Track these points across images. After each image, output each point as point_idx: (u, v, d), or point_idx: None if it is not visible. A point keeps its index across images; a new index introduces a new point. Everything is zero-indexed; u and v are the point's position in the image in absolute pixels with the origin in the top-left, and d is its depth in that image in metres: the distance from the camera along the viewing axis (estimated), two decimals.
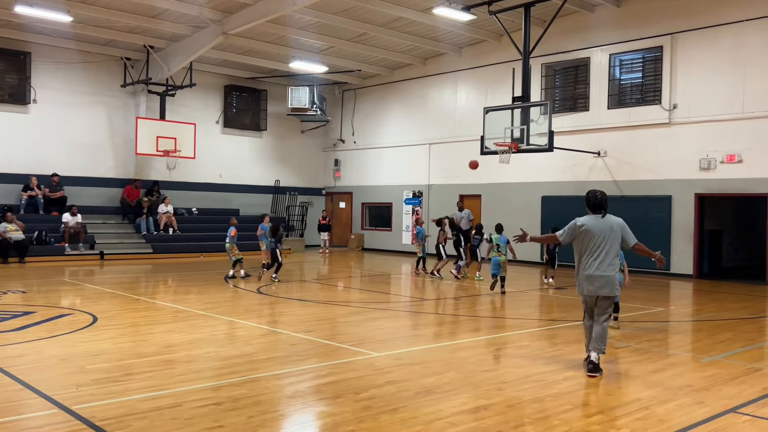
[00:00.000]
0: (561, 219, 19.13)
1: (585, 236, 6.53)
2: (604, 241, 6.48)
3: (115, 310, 10.01)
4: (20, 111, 19.87)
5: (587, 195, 6.73)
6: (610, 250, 6.48)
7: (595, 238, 6.49)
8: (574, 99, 19.38)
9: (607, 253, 6.46)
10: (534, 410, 5.27)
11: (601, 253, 6.46)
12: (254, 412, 5.04)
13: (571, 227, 6.66)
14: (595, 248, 6.48)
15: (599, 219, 6.57)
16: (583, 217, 6.68)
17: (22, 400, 5.28)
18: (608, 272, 6.44)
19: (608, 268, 6.45)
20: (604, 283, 6.44)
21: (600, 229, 6.50)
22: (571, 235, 6.66)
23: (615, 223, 6.58)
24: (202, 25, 18.83)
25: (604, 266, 6.44)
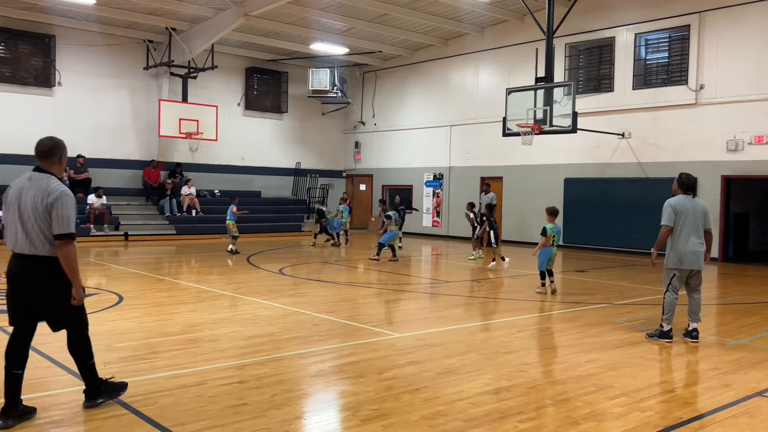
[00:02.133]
0: (584, 201, 19.07)
1: (680, 215, 7.07)
2: (696, 219, 7.08)
3: (139, 290, 10.15)
4: (45, 94, 20.09)
5: (681, 176, 7.27)
6: (700, 228, 7.12)
7: (689, 217, 7.06)
8: (598, 79, 19.10)
9: (698, 230, 7.09)
10: (556, 392, 5.26)
11: (695, 230, 7.06)
12: (278, 391, 5.09)
13: (669, 211, 7.12)
14: (690, 226, 7.05)
15: (690, 199, 7.15)
16: (673, 198, 7.19)
17: (51, 377, 5.39)
18: (701, 248, 7.10)
19: (700, 245, 7.10)
20: (699, 258, 7.08)
21: (693, 208, 7.10)
22: (673, 217, 7.10)
23: (701, 204, 7.23)
24: (223, 6, 18.83)
25: (699, 242, 7.08)
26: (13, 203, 4.36)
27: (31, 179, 4.38)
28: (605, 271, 14.20)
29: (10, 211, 4.35)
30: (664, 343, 7.07)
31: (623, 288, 11.46)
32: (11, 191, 4.41)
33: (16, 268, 4.38)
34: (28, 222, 4.29)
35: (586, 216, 18.79)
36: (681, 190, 7.21)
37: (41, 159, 4.46)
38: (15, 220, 4.33)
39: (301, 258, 15.75)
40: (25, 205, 4.30)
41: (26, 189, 4.35)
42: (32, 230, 4.29)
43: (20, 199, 4.33)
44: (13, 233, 4.35)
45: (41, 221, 4.28)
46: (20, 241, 4.32)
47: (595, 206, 18.61)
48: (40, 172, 4.41)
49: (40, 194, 4.29)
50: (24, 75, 19.80)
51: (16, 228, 4.33)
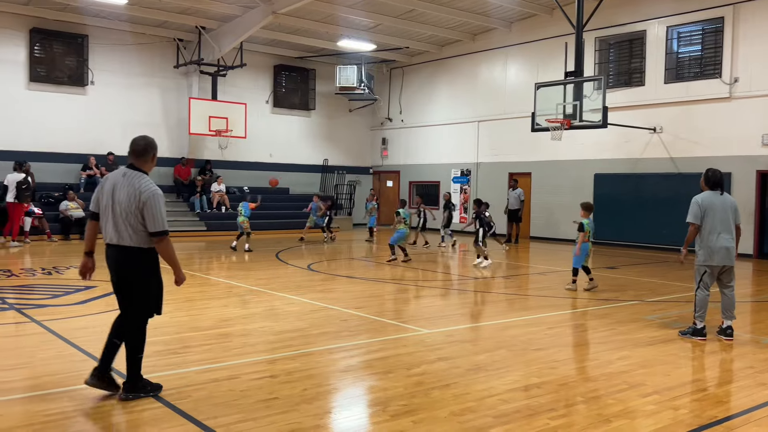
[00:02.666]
0: (614, 197, 18.81)
1: (709, 212, 6.99)
2: (726, 215, 7.03)
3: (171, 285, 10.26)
4: (78, 93, 20.47)
5: (707, 173, 7.21)
6: (731, 223, 7.06)
7: (719, 213, 7.00)
8: (629, 73, 18.83)
9: (729, 226, 7.03)
10: (587, 389, 5.21)
11: (725, 226, 6.99)
12: (308, 385, 5.14)
13: (696, 209, 7.06)
14: (721, 222, 6.98)
15: (718, 196, 7.09)
16: (701, 194, 7.13)
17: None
18: (732, 243, 7.04)
19: (731, 240, 7.04)
20: (731, 253, 7.02)
21: (722, 204, 7.05)
22: (699, 215, 7.04)
23: (731, 200, 7.18)
24: (252, 5, 18.97)
25: (731, 238, 7.03)
26: (107, 197, 4.72)
27: (125, 176, 4.73)
28: (636, 267, 14.02)
29: (104, 204, 4.73)
30: (698, 340, 6.97)
31: (655, 285, 11.30)
32: (106, 185, 4.77)
33: (108, 255, 4.82)
34: (120, 216, 4.65)
35: (617, 212, 18.56)
36: (708, 186, 7.17)
37: (135, 157, 4.81)
38: (108, 212, 4.71)
39: (329, 254, 15.82)
40: (119, 201, 4.66)
41: (120, 185, 4.70)
42: (122, 224, 4.66)
43: (114, 194, 4.69)
44: (104, 224, 4.76)
45: (132, 217, 4.64)
46: (110, 232, 4.72)
47: (625, 202, 18.37)
48: (134, 170, 4.76)
49: (133, 193, 4.64)
50: (58, 74, 20.19)
51: (107, 220, 4.72)
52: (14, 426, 4.23)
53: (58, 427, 4.21)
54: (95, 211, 4.84)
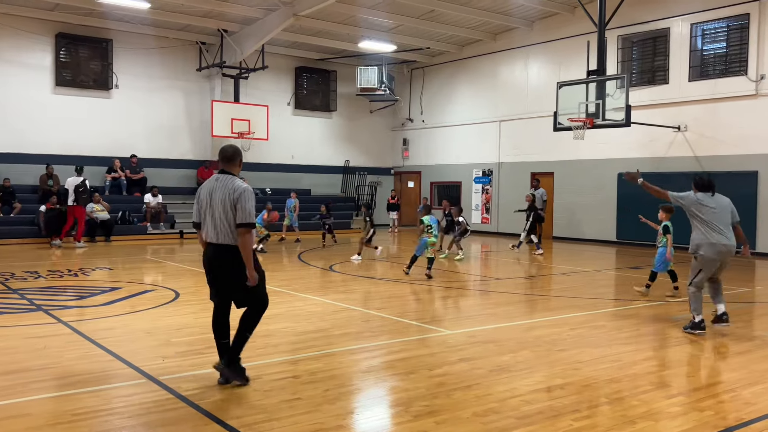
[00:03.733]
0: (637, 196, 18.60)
1: (706, 210, 7.19)
2: (724, 213, 7.21)
3: (195, 287, 10.40)
4: (103, 96, 20.77)
5: (695, 179, 7.44)
6: (729, 222, 7.24)
7: (717, 212, 7.19)
8: (652, 71, 18.61)
9: (727, 225, 7.21)
10: (611, 390, 5.17)
11: (725, 225, 7.18)
12: (330, 386, 5.16)
13: (688, 195, 7.34)
14: (719, 220, 7.16)
15: (710, 197, 7.27)
16: (698, 193, 7.32)
17: (113, 370, 5.58)
18: (734, 241, 7.24)
19: (732, 239, 7.23)
20: (731, 251, 7.19)
21: (719, 204, 7.25)
22: (685, 201, 7.29)
23: (726, 200, 7.36)
24: (273, 7, 19.10)
25: (730, 236, 7.20)
26: (205, 202, 5.15)
27: (218, 180, 5.16)
28: None
29: (203, 209, 5.16)
30: (697, 334, 7.12)
31: (680, 285, 11.15)
32: (202, 192, 5.20)
33: (209, 254, 5.14)
34: (218, 217, 5.04)
35: (641, 212, 18.19)
36: (698, 190, 7.33)
37: (225, 162, 5.26)
38: (208, 214, 5.11)
39: (350, 255, 15.86)
40: (215, 202, 5.07)
41: (215, 189, 5.11)
42: (220, 224, 5.05)
43: (211, 197, 5.11)
44: (205, 226, 5.15)
45: (229, 215, 5.02)
46: (210, 232, 5.10)
47: (649, 202, 17.99)
48: (224, 174, 5.19)
49: (227, 193, 5.04)
50: (83, 78, 20.51)
51: (208, 222, 5.11)
52: (43, 425, 4.31)
53: (85, 426, 4.28)
54: (198, 221, 5.25)
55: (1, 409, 4.54)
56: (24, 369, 5.55)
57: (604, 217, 19.34)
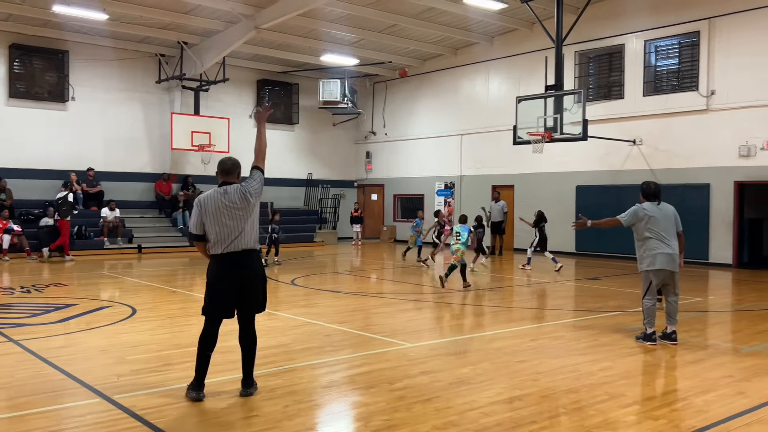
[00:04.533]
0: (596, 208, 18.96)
1: (650, 220, 7.25)
2: (667, 223, 7.29)
3: (153, 303, 10.21)
4: (59, 108, 20.33)
5: (643, 186, 7.52)
6: (673, 231, 7.33)
7: (661, 222, 7.26)
8: (608, 87, 19.07)
9: (671, 234, 7.29)
10: (569, 401, 5.24)
11: (670, 234, 7.27)
12: (290, 402, 5.11)
13: (635, 212, 7.36)
14: (663, 230, 7.24)
15: (656, 206, 7.35)
16: (643, 204, 7.41)
17: (65, 390, 5.43)
18: (674, 251, 7.28)
19: (673, 248, 7.28)
20: (674, 260, 7.27)
21: (662, 214, 7.32)
22: (634, 219, 7.35)
23: (671, 209, 7.43)
24: (234, 20, 19.00)
25: (674, 245, 7.27)
26: (216, 213, 5.16)
27: (227, 192, 5.22)
28: (618, 278, 14.12)
29: (212, 220, 5.17)
30: (649, 345, 7.25)
31: (636, 296, 11.36)
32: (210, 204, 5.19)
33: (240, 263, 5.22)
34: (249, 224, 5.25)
35: None
36: (646, 198, 7.44)
37: (226, 175, 5.34)
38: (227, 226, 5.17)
39: (312, 269, 15.79)
40: (241, 211, 5.20)
41: (232, 200, 5.19)
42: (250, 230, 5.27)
43: (228, 208, 5.18)
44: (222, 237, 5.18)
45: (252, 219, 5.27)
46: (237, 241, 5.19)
47: (607, 214, 18.30)
48: (230, 184, 5.28)
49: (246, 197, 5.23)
50: (38, 90, 20.06)
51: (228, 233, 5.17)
52: None
53: None
54: (201, 234, 5.24)
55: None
56: None
57: (563, 229, 19.63)
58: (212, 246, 5.21)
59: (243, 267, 5.21)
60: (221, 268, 5.21)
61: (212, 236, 5.18)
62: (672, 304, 7.41)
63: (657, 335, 7.38)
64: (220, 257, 5.19)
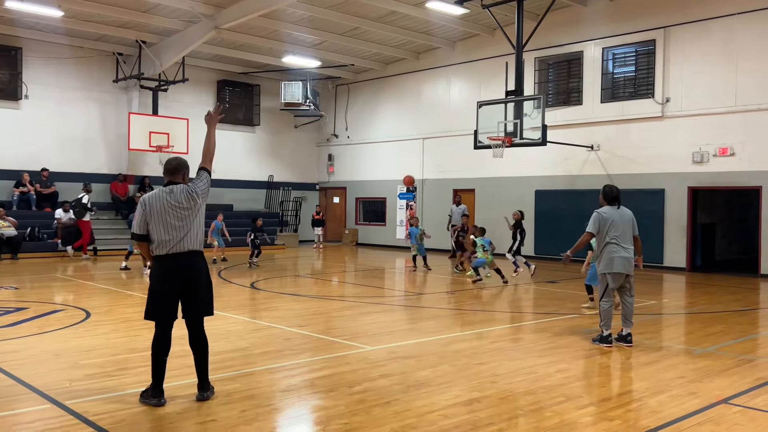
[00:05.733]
0: (554, 212, 19.28)
1: (610, 224, 7.39)
2: (625, 227, 7.43)
3: (108, 306, 9.98)
4: (12, 107, 19.76)
5: (605, 189, 7.62)
6: (629, 235, 7.48)
7: (619, 226, 7.39)
8: (567, 93, 19.40)
9: (628, 238, 7.44)
10: (527, 402, 5.29)
11: (626, 238, 7.41)
12: (247, 406, 5.05)
13: (597, 219, 7.47)
14: (621, 234, 7.37)
15: (615, 209, 7.50)
16: (602, 208, 7.55)
17: (14, 396, 5.27)
18: (631, 254, 7.45)
19: (630, 251, 7.44)
20: (630, 263, 7.43)
21: (621, 217, 7.45)
22: (598, 225, 7.45)
23: (628, 213, 7.58)
24: (194, 19, 18.75)
25: (630, 249, 7.42)
26: (160, 212, 5.08)
27: (173, 191, 5.16)
28: (576, 281, 14.33)
29: (156, 218, 5.08)
30: (605, 347, 7.37)
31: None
32: (155, 203, 5.10)
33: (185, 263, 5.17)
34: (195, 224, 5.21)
35: (557, 227, 18.99)
36: (606, 201, 7.58)
37: (170, 175, 5.29)
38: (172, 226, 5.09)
39: (273, 272, 15.65)
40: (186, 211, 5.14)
41: (178, 199, 5.13)
42: (195, 231, 5.21)
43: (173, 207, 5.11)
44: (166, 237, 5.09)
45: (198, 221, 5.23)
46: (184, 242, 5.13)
47: (565, 218, 18.81)
48: (175, 184, 5.24)
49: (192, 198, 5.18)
50: None
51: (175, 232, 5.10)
52: None
53: None
54: (143, 233, 5.13)
55: None
56: None
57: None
58: (156, 247, 5.11)
59: (187, 268, 5.14)
60: (165, 269, 5.12)
61: (156, 236, 5.09)
62: (628, 306, 7.56)
63: (613, 337, 7.52)
64: (164, 258, 5.11)
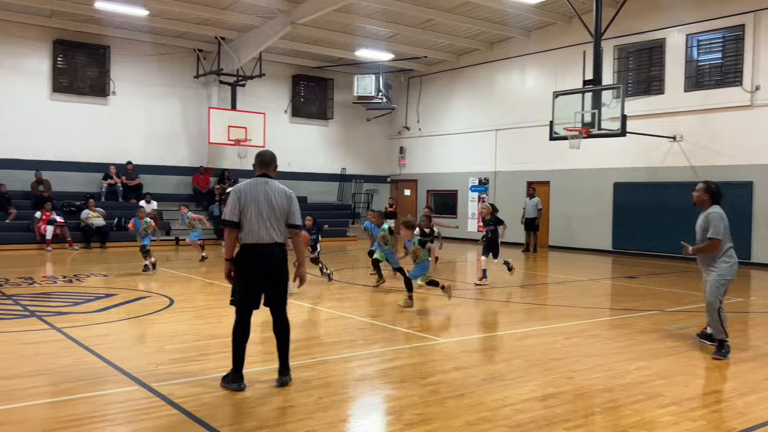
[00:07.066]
0: (634, 206, 18.64)
1: (727, 227, 6.75)
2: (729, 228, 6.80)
3: (190, 293, 10.39)
4: (101, 103, 20.77)
5: (713, 187, 6.84)
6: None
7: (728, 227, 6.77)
8: (648, 82, 18.71)
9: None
10: (604, 399, 5.17)
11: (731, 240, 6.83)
12: (323, 393, 5.15)
13: (724, 222, 6.71)
14: (731, 236, 6.82)
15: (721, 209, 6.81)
16: (720, 210, 6.78)
17: (106, 377, 5.57)
18: None
19: None
20: None
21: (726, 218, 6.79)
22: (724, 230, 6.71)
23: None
24: (271, 15, 19.15)
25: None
26: (253, 202, 5.20)
27: (267, 183, 5.30)
28: (656, 277, 13.87)
29: (250, 208, 5.20)
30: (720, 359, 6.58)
31: (674, 295, 11.18)
32: (248, 193, 5.22)
33: (263, 253, 5.25)
34: (275, 217, 5.25)
35: (636, 221, 18.41)
36: (714, 200, 6.81)
37: (265, 167, 5.39)
38: (259, 215, 5.20)
39: (346, 263, 15.86)
40: (273, 203, 5.24)
41: (268, 191, 5.25)
42: (276, 224, 5.27)
43: (264, 199, 5.22)
44: (254, 228, 5.20)
45: (283, 216, 5.29)
46: (264, 233, 5.22)
47: (645, 211, 18.20)
48: (268, 177, 5.36)
49: (282, 195, 5.30)
50: (80, 85, 20.52)
51: (260, 222, 5.20)
52: (38, 431, 4.29)
53: None
54: (236, 221, 5.21)
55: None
56: (17, 375, 5.53)
57: (599, 226, 19.38)
58: (245, 235, 5.22)
59: (271, 258, 5.27)
60: (251, 258, 5.24)
61: (248, 225, 5.20)
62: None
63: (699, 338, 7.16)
64: (251, 247, 5.23)
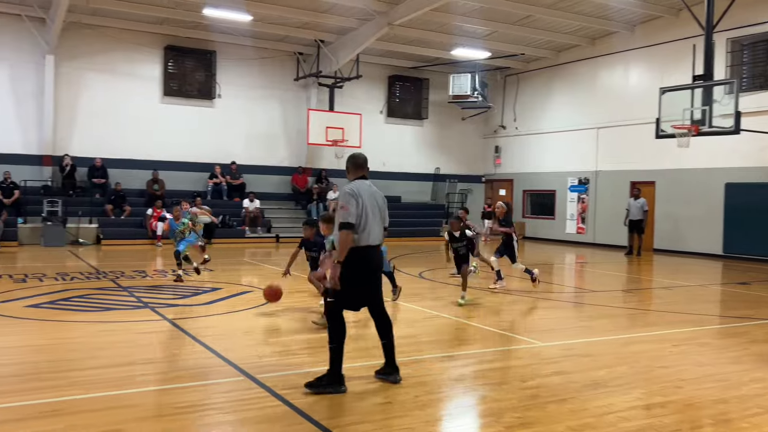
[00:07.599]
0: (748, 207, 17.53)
1: None
2: None
3: (289, 290, 10.67)
4: (208, 105, 21.78)
5: None
6: None
7: None
8: (764, 76, 17.50)
9: None
10: (717, 411, 4.89)
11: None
12: (420, 392, 5.16)
13: None
14: None
15: None
16: None
17: (213, 367, 5.82)
18: None
19: None
20: None
21: None
22: None
23: None
24: (368, 17, 19.40)
25: None
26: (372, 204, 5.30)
27: (371, 186, 5.43)
28: None
29: (371, 212, 5.27)
30: None
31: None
32: (366, 194, 5.29)
33: (377, 256, 5.38)
34: (381, 220, 5.39)
35: (752, 224, 17.29)
36: None
37: (362, 168, 5.54)
38: (375, 218, 5.30)
39: (439, 262, 15.81)
40: (382, 206, 5.43)
41: (375, 193, 5.42)
42: (381, 226, 5.41)
43: (375, 202, 5.36)
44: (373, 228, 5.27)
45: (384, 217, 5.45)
46: (378, 234, 5.33)
47: (761, 213, 17.06)
48: (366, 179, 5.49)
49: (382, 197, 5.50)
50: (189, 88, 21.59)
51: (376, 224, 5.31)
52: (150, 416, 4.55)
53: (188, 419, 4.49)
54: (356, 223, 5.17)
55: (112, 399, 4.84)
56: (131, 362, 5.89)
57: (709, 229, 18.34)
58: (364, 237, 5.19)
59: (382, 259, 5.48)
60: (363, 260, 5.21)
61: (368, 227, 5.21)
62: None
63: None
64: (364, 249, 5.20)
